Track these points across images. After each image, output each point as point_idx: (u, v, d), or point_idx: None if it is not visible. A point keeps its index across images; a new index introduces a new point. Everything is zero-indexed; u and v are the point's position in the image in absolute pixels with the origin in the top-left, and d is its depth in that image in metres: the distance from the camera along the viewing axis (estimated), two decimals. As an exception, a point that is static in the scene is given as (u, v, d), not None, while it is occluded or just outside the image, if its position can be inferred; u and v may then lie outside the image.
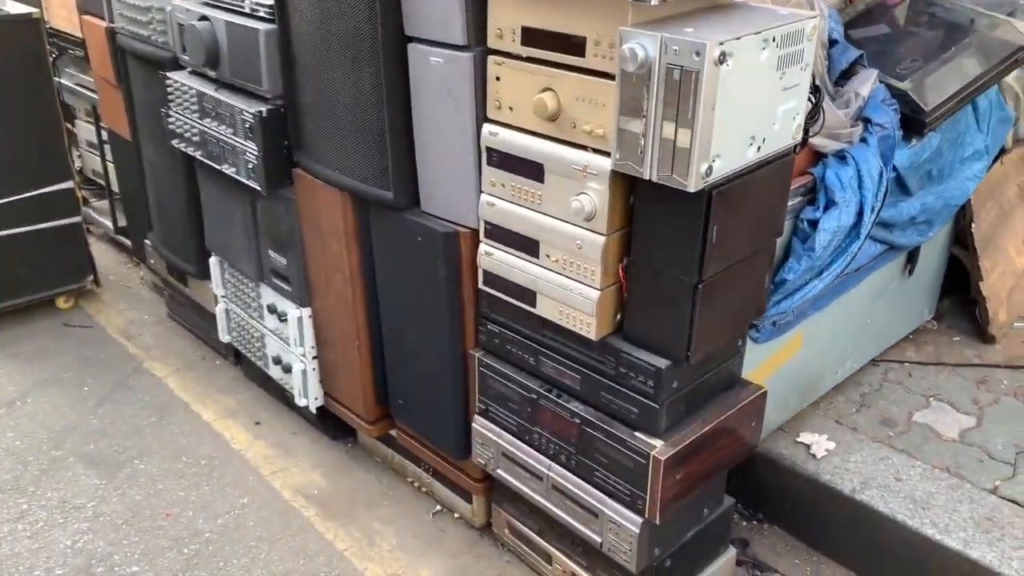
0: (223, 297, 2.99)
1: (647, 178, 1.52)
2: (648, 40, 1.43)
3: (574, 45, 1.59)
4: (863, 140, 1.96)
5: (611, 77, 1.56)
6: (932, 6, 2.52)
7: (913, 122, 2.13)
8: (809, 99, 1.66)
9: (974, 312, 2.91)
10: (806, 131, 1.68)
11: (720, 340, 1.76)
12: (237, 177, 2.48)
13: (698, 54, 1.38)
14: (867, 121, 1.98)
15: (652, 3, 1.43)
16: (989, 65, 2.24)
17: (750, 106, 1.52)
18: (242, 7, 2.33)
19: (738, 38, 1.42)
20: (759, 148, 1.59)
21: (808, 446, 2.41)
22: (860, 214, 1.92)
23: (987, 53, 2.26)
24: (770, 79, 1.54)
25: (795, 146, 1.69)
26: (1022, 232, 2.98)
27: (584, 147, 1.65)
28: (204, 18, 2.43)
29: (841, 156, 1.94)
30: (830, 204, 1.90)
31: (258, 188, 2.42)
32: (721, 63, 1.39)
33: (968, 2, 2.61)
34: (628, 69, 1.46)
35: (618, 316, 1.77)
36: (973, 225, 2.68)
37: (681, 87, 1.42)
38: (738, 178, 1.57)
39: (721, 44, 1.38)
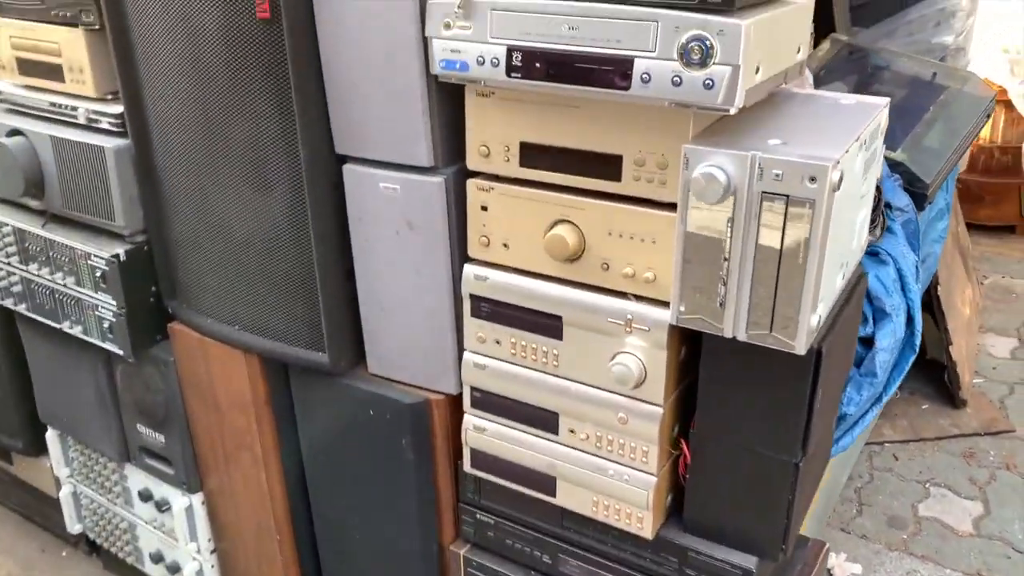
0: (68, 478, 2.33)
1: (729, 336, 1.15)
2: (731, 161, 1.07)
3: (604, 166, 1.21)
4: (888, 230, 1.70)
5: (662, 206, 1.18)
6: (865, 58, 2.36)
7: (912, 195, 1.91)
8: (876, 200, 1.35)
9: (934, 376, 2.77)
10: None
11: (804, 513, 1.41)
12: (86, 338, 1.89)
13: (813, 179, 1.03)
14: (887, 206, 1.73)
15: (731, 111, 1.07)
16: (970, 123, 2.07)
17: (844, 227, 1.19)
18: (74, 117, 1.77)
19: (847, 150, 1.09)
20: (844, 275, 1.26)
21: (829, 570, 2.12)
22: (911, 320, 1.67)
23: (964, 110, 2.09)
24: (857, 189, 1.22)
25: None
26: (962, 281, 2.89)
27: (624, 294, 1.26)
28: (16, 132, 1.84)
29: (874, 254, 1.68)
30: (880, 315, 1.63)
31: (120, 352, 1.84)
32: (838, 187, 1.05)
33: (894, 46, 2.48)
34: (702, 200, 1.09)
35: (669, 497, 1.38)
36: (939, 287, 2.52)
37: (788, 223, 1.06)
38: (834, 319, 1.24)
39: (839, 163, 1.04)
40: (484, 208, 1.33)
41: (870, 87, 2.17)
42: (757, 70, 1.08)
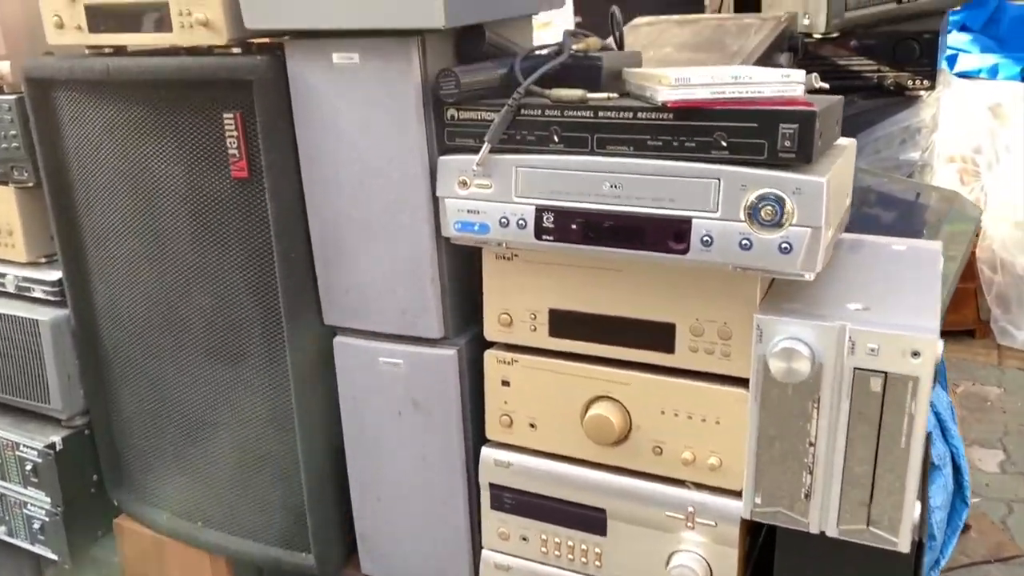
0: None
1: (816, 532, 0.99)
2: (815, 333, 0.93)
3: (654, 336, 1.06)
4: (917, 368, 1.59)
5: (728, 380, 1.04)
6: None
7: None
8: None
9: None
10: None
11: None
12: (12, 541, 1.61)
13: (917, 354, 0.90)
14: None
15: (807, 276, 0.94)
16: (964, 245, 2.02)
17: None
18: (1, 285, 1.54)
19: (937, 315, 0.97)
20: (920, 442, 1.12)
21: None
22: (958, 470, 1.54)
23: (957, 233, 2.05)
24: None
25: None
26: (946, 396, 2.82)
27: (682, 482, 1.09)
28: (-70, 302, 1.60)
29: (909, 396, 1.56)
30: (928, 469, 1.50)
31: (53, 557, 1.57)
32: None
33: (864, 164, 2.46)
34: (781, 380, 0.95)
35: None
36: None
37: (886, 403, 0.92)
38: (921, 498, 1.09)
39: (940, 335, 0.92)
40: (506, 383, 1.16)
41: (860, 211, 2.11)
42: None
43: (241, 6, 1.10)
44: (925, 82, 2.28)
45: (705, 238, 0.96)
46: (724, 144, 0.94)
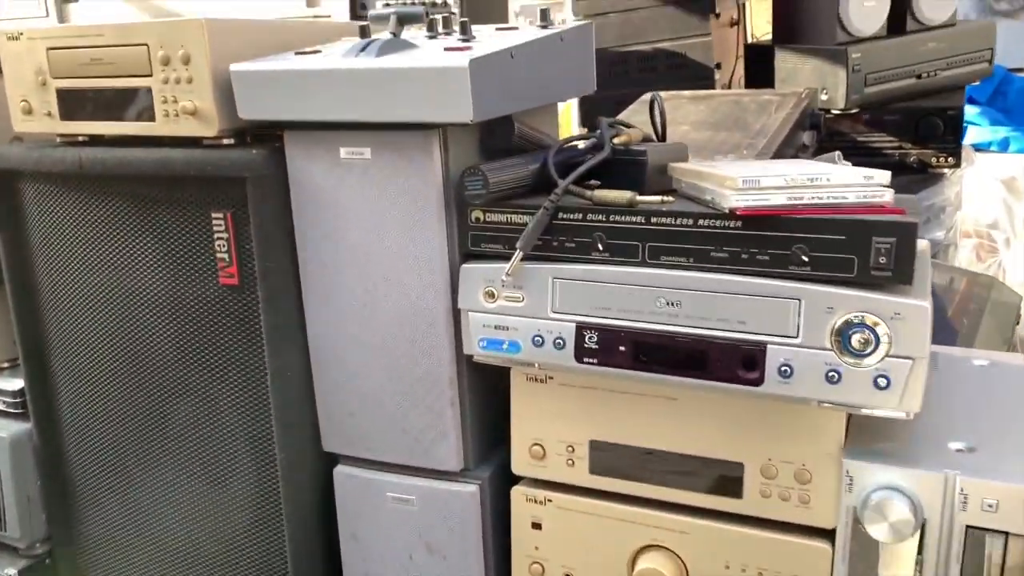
0: None
1: None
2: (917, 482, 0.78)
3: (717, 477, 0.91)
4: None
5: (808, 532, 0.88)
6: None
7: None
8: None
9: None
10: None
11: None
12: None
13: (1046, 511, 0.75)
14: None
15: (907, 416, 0.79)
16: (1007, 332, 1.90)
17: None
18: (-44, 392, 1.38)
19: (1058, 455, 0.82)
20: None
21: None
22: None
23: (1000, 319, 1.92)
24: None
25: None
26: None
27: (750, 649, 0.93)
28: None
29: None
30: None
31: None
32: (1069, 514, 0.77)
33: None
34: (875, 537, 0.80)
35: None
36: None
37: (1008, 570, 0.77)
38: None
39: (1070, 483, 0.77)
40: (536, 526, 1.00)
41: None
42: (928, 354, 0.82)
43: (235, 95, 0.97)
44: (950, 159, 2.18)
45: (783, 368, 0.81)
46: (805, 259, 0.80)
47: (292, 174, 1.00)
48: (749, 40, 2.24)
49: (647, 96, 1.68)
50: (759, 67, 2.09)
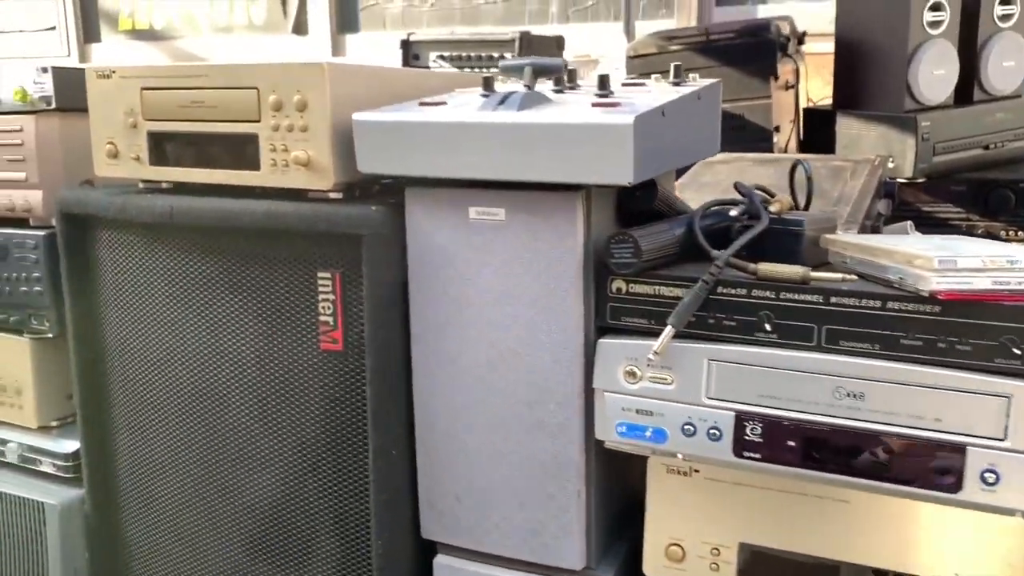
0: None
1: None
2: None
3: (892, 591, 0.81)
4: None
5: (997, 659, 0.78)
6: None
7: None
8: None
9: None
10: None
11: None
12: None
13: None
14: None
15: None
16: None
17: None
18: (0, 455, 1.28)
19: None
20: None
21: None
22: None
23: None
24: None
25: None
26: None
27: None
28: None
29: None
30: None
31: None
32: None
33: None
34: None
35: None
36: None
37: None
38: None
39: None
40: (671, 641, 0.90)
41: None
42: None
43: (356, 146, 0.89)
44: (1020, 233, 2.11)
45: (986, 473, 0.72)
46: (1017, 351, 0.71)
47: (411, 233, 0.91)
48: (804, 104, 2.19)
49: (715, 158, 1.61)
50: (817, 131, 2.04)
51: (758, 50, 2.12)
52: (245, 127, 0.95)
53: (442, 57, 2.24)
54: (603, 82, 0.92)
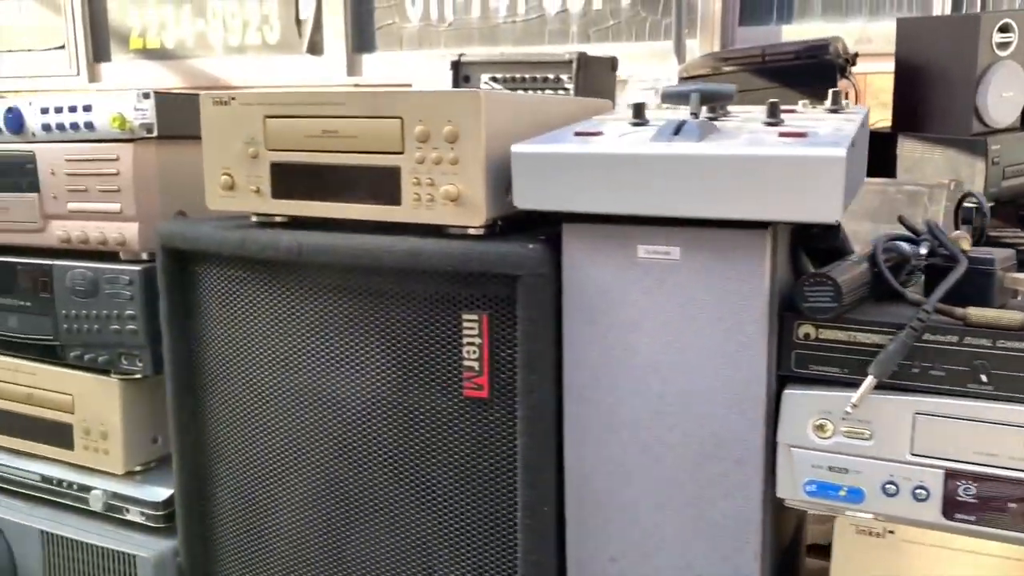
0: None
1: None
2: None
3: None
4: None
5: None
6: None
7: None
8: None
9: None
10: None
11: None
12: None
13: None
14: None
15: None
16: None
17: None
18: (83, 502, 1.21)
19: None
20: None
21: None
22: None
23: None
24: None
25: None
26: None
27: None
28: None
29: None
30: None
31: None
32: None
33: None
34: None
35: None
36: None
37: None
38: None
39: None
40: None
41: None
42: None
43: (514, 180, 0.83)
44: (1095, 258, 2.05)
45: None
46: None
47: (569, 273, 0.85)
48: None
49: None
50: (876, 154, 2.00)
51: (817, 71, 2.07)
52: (386, 159, 0.88)
53: (494, 79, 2.18)
54: (773, 109, 0.86)
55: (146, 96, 1.08)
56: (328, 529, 1.01)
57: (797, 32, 2.86)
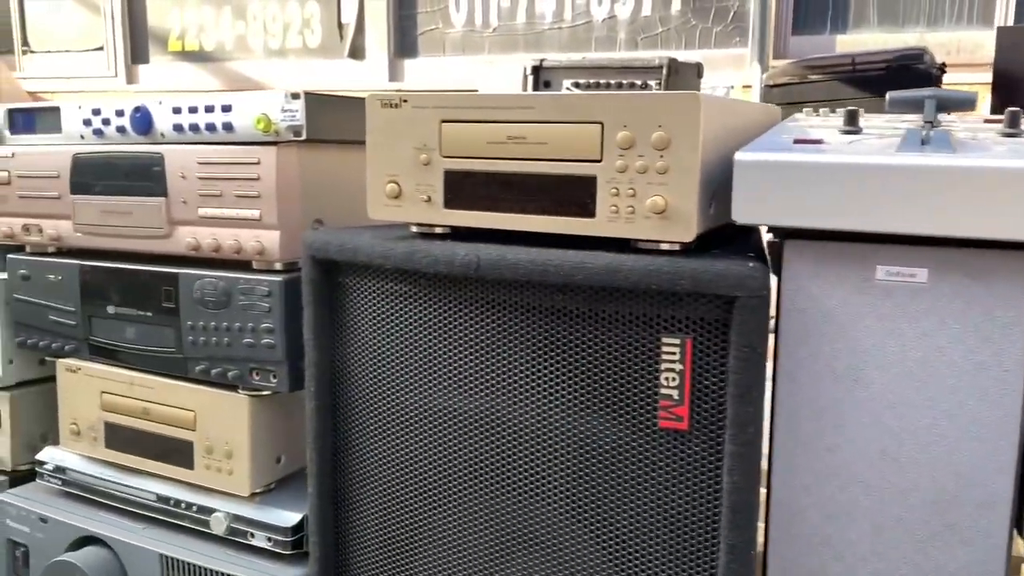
0: None
1: None
2: None
3: None
4: None
5: None
6: None
7: None
8: None
9: None
10: None
11: None
12: None
13: None
14: None
15: None
16: None
17: None
18: (203, 525, 1.15)
19: None
20: None
21: None
22: None
23: None
24: None
25: None
26: None
27: None
28: (92, 540, 1.20)
29: None
30: None
31: None
32: None
33: None
34: None
35: None
36: None
37: None
38: None
39: None
40: None
41: None
42: None
43: (735, 192, 0.76)
44: None
45: None
46: None
47: (789, 295, 0.78)
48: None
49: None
50: None
51: (912, 81, 1.99)
52: (580, 167, 0.82)
53: (576, 84, 2.12)
54: (1014, 119, 0.78)
55: (295, 96, 1.02)
56: (483, 565, 0.94)
57: (852, 42, 2.78)
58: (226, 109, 1.07)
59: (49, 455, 1.29)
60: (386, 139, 0.91)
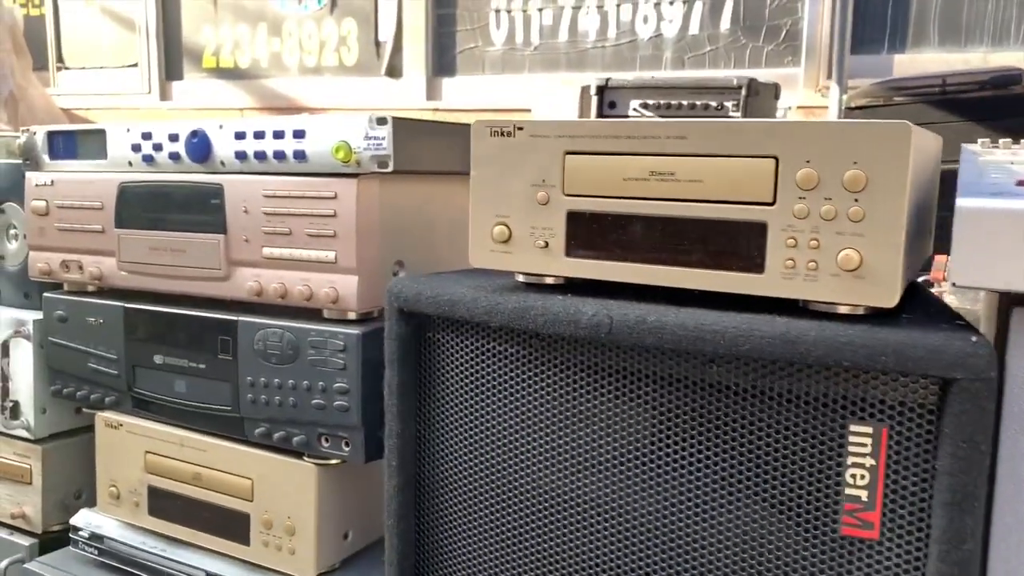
0: None
1: None
2: None
3: None
4: None
5: None
6: None
7: None
8: None
9: None
10: None
11: None
12: None
13: None
14: None
15: None
16: None
17: None
18: None
19: None
20: None
21: None
22: None
23: None
24: None
25: None
26: None
27: None
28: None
29: None
30: None
31: None
32: None
33: None
34: None
35: None
36: None
37: None
38: None
39: None
40: None
41: None
42: None
43: (955, 248, 0.61)
44: None
45: None
46: None
47: (1015, 372, 0.62)
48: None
49: None
50: None
51: (1009, 104, 1.84)
52: (746, 211, 0.67)
53: (645, 105, 1.97)
54: None
55: (382, 122, 0.88)
56: None
57: (910, 62, 2.63)
58: (298, 135, 0.93)
59: (85, 520, 1.15)
60: (496, 173, 0.77)
